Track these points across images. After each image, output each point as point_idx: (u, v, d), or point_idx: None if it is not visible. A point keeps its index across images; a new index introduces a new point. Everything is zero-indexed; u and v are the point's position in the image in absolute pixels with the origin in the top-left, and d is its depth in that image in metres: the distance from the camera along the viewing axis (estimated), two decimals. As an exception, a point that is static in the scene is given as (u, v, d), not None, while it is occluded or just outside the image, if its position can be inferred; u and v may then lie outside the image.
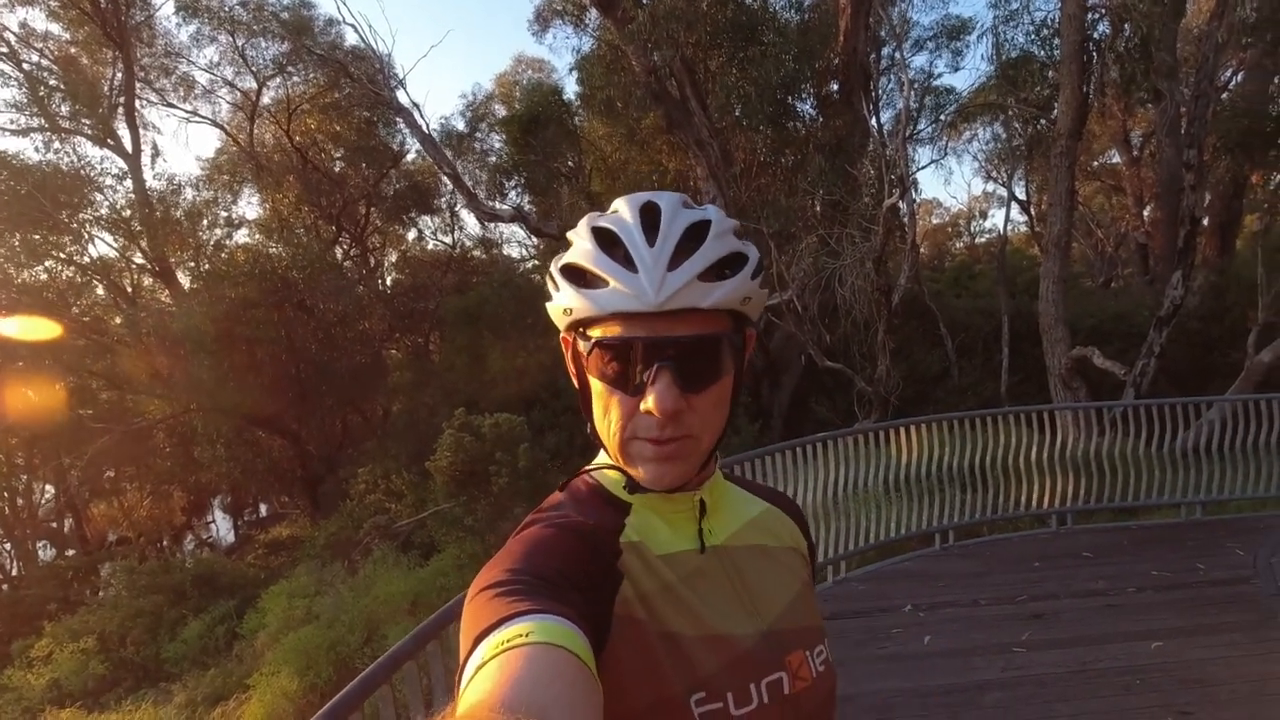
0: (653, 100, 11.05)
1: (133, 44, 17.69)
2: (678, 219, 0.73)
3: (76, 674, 8.12)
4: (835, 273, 8.32)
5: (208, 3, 18.50)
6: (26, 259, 15.97)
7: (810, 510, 5.21)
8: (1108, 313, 12.34)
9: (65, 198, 15.71)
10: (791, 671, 0.77)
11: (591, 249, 0.72)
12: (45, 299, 15.69)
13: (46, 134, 17.24)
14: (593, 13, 12.51)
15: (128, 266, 17.78)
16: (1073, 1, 8.57)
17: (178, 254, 17.22)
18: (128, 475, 21.56)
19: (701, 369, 0.71)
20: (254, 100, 19.60)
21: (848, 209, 8.72)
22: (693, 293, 0.69)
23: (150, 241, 16.11)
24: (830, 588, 5.12)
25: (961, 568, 5.32)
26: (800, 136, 10.94)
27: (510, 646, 0.54)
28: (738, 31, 10.53)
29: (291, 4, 18.55)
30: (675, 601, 0.74)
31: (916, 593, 4.88)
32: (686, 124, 11.13)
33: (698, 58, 11.01)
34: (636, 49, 10.65)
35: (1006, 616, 4.41)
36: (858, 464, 5.56)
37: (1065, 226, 8.82)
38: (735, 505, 0.87)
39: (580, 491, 0.81)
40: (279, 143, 19.85)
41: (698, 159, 11.22)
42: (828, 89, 11.47)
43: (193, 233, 17.91)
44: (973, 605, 4.65)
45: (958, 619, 4.44)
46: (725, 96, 10.91)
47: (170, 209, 17.19)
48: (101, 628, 9.01)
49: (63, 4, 17.25)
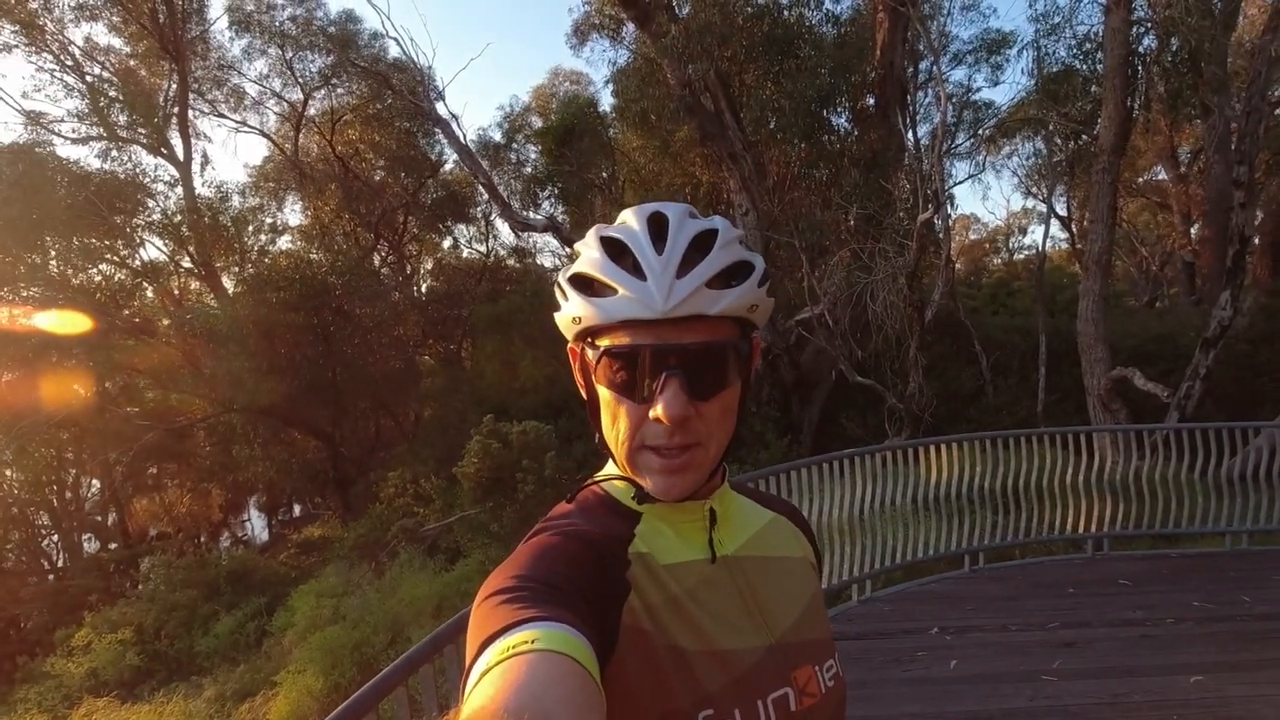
0: (686, 113, 11.11)
1: (188, 57, 18.39)
2: (685, 228, 0.73)
3: (113, 664, 8.38)
4: (867, 288, 8.23)
5: (260, 18, 19.19)
6: (83, 261, 16.63)
7: (836, 527, 5.14)
8: (1151, 333, 11.99)
9: (120, 203, 16.32)
10: (798, 688, 0.76)
11: (600, 258, 0.73)
12: (98, 300, 16.31)
13: (105, 142, 18.00)
14: (629, 26, 12.64)
15: (176, 270, 18.38)
16: (1117, 15, 8.40)
17: (224, 259, 17.76)
18: (169, 472, 22.23)
19: (709, 376, 0.72)
20: (300, 111, 20.20)
21: (881, 223, 8.64)
22: (701, 300, 0.70)
23: (198, 246, 16.65)
24: (855, 607, 5.04)
25: (991, 591, 5.19)
26: (835, 150, 10.89)
27: (515, 653, 0.54)
28: (773, 45, 10.54)
29: (338, 18, 19.16)
30: (681, 615, 0.73)
31: (944, 615, 4.77)
32: (720, 137, 11.15)
33: (733, 71, 11.04)
34: (671, 62, 10.73)
35: (1037, 643, 4.29)
36: (886, 482, 5.47)
37: (1106, 244, 8.60)
38: (744, 515, 0.87)
39: (589, 501, 0.82)
40: (322, 152, 20.42)
41: (730, 172, 11.23)
42: (863, 103, 11.41)
43: (238, 238, 18.48)
44: (1002, 630, 4.53)
45: (986, 644, 4.34)
46: (759, 110, 10.91)
47: (218, 215, 17.76)
48: (138, 620, 9.28)
49: (124, 19, 18.02)
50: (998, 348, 11.75)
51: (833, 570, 4.98)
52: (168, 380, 14.95)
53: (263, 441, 14.97)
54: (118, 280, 17.75)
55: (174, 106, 18.54)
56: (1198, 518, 5.72)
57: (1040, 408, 10.47)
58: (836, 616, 4.89)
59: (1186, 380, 8.24)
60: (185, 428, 17.04)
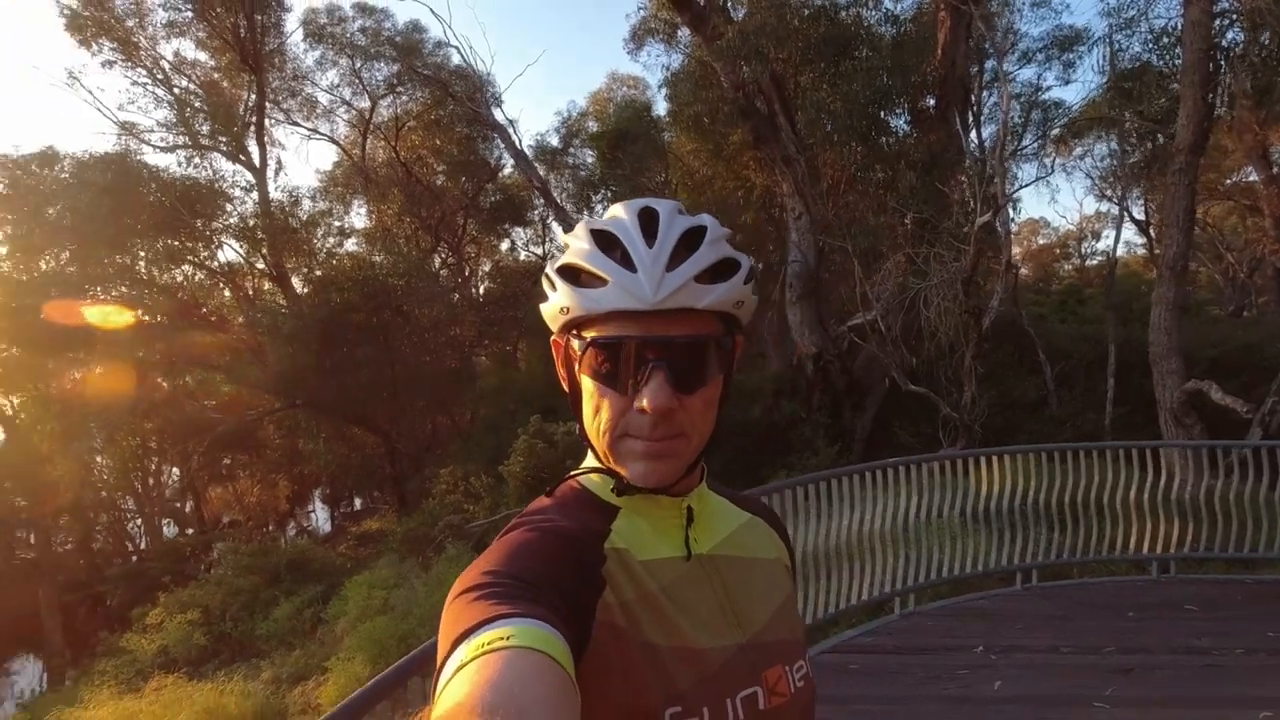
0: (740, 116, 11.04)
1: (266, 69, 19.34)
2: (675, 224, 0.74)
3: (182, 643, 8.88)
4: (921, 293, 7.98)
5: (332, 30, 20.06)
6: (167, 262, 17.69)
7: (877, 536, 5.00)
8: (1234, 344, 11.24)
9: (201, 208, 17.29)
10: (768, 687, 0.76)
11: (590, 249, 0.74)
12: (180, 299, 17.32)
13: (189, 150, 19.11)
14: (684, 30, 12.66)
15: (251, 271, 19.35)
16: (1197, 7, 7.92)
17: (294, 260, 18.59)
18: (241, 463, 23.39)
19: (694, 370, 0.72)
20: (367, 118, 20.99)
21: (937, 227, 8.37)
22: (690, 293, 0.71)
23: (271, 248, 17.48)
24: (896, 621, 4.90)
25: (1042, 610, 4.97)
26: (892, 152, 10.63)
27: (490, 649, 0.54)
28: (830, 47, 10.37)
29: (404, 28, 19.83)
30: (655, 611, 0.74)
31: (990, 633, 4.60)
32: (774, 140, 11.04)
33: (787, 73, 10.92)
34: (725, 65, 10.69)
35: (1089, 667, 4.08)
36: (935, 492, 5.29)
37: (1183, 249, 8.12)
38: (721, 514, 0.87)
39: (566, 496, 0.82)
40: (387, 157, 21.16)
41: (784, 175, 11.10)
42: (923, 103, 11.10)
43: (308, 240, 19.32)
44: (1051, 651, 4.33)
45: (1033, 665, 4.16)
46: (814, 112, 10.74)
47: (290, 219, 18.61)
48: (206, 602, 9.81)
49: (209, 34, 19.11)
50: (1063, 357, 11.23)
51: (874, 581, 4.85)
52: (239, 375, 15.74)
53: (325, 436, 15.58)
54: (197, 280, 18.82)
55: (252, 115, 19.55)
56: (1277, 542, 5.34)
57: (1107, 420, 9.94)
58: (876, 630, 4.78)
59: (1272, 394, 7.70)
60: (255, 421, 17.91)
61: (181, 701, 6.35)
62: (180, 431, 18.50)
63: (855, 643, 4.58)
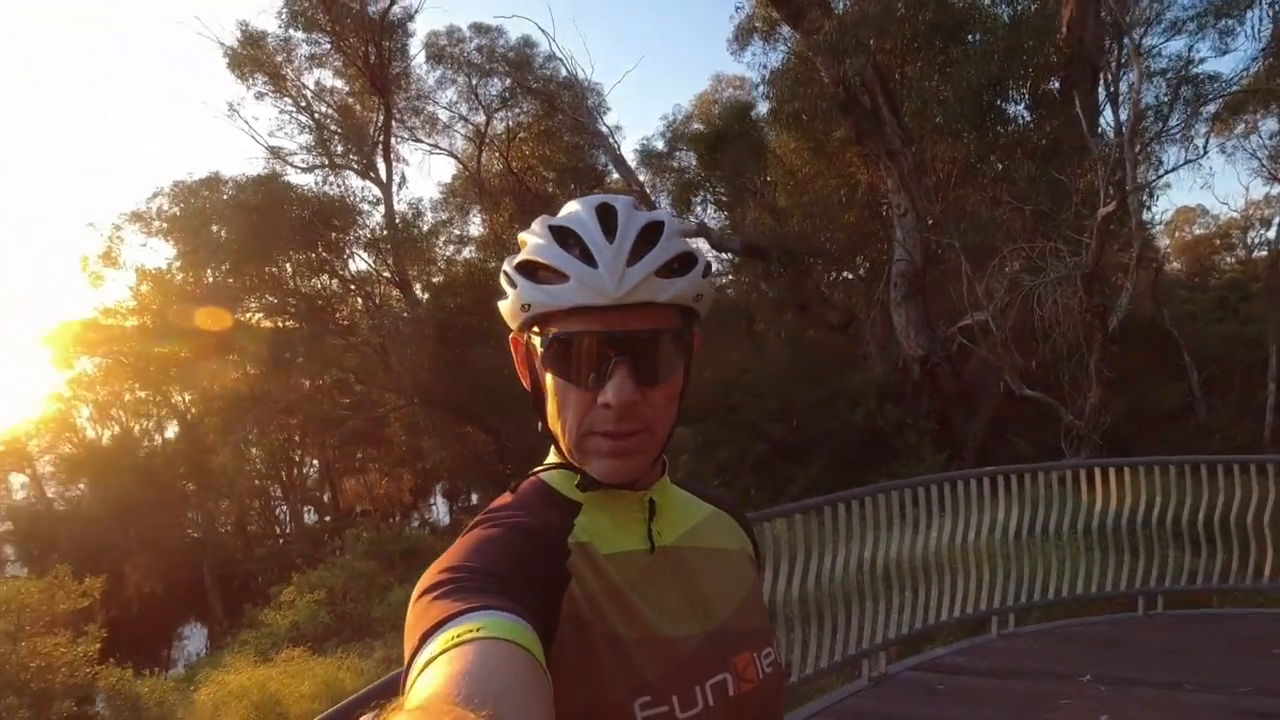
0: (841, 111, 10.69)
1: (392, 91, 20.82)
2: (633, 220, 0.75)
3: (310, 620, 9.74)
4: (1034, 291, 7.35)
5: (450, 50, 21.27)
6: (308, 272, 19.45)
7: (982, 549, 4.68)
8: None
9: (337, 222, 18.88)
10: (737, 673, 0.77)
11: (548, 245, 0.74)
12: (318, 305, 19.00)
13: (325, 170, 20.90)
14: (784, 27, 12.41)
15: (379, 279, 20.88)
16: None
17: (415, 268, 19.87)
18: (371, 457, 25.32)
19: (656, 363, 0.73)
20: (482, 131, 22.09)
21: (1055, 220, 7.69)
22: (651, 287, 0.71)
23: (395, 258, 18.79)
24: (993, 641, 4.57)
25: (1166, 642, 4.48)
26: (1009, 141, 9.92)
27: (460, 642, 0.54)
28: (938, 33, 9.85)
29: (516, 44, 20.70)
30: (620, 603, 0.74)
31: (1101, 662, 4.20)
32: (877, 134, 10.60)
33: (892, 64, 10.46)
34: (825, 60, 10.39)
35: (1219, 709, 3.65)
36: (1052, 505, 4.87)
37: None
38: (684, 507, 0.87)
39: (528, 493, 0.82)
40: (500, 168, 22.17)
41: (889, 170, 10.63)
42: (1045, 87, 10.27)
43: (429, 249, 20.56)
44: (1173, 688, 3.89)
45: (1149, 702, 3.75)
46: (922, 103, 10.22)
47: (412, 229, 19.92)
48: (331, 583, 10.71)
49: (344, 63, 20.84)
50: (1214, 360, 9.99)
51: (968, 598, 4.54)
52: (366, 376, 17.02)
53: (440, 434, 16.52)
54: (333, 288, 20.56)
55: (380, 135, 21.10)
56: None
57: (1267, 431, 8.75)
58: (969, 649, 4.48)
59: None
60: (381, 418, 19.31)
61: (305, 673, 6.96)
62: (318, 426, 20.27)
63: (944, 662, 4.32)
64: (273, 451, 24.00)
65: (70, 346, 21.59)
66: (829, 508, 4.07)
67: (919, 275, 10.50)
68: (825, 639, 3.94)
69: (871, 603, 4.12)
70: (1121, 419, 7.78)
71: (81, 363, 22.15)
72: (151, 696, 6.98)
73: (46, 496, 22.89)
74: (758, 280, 15.43)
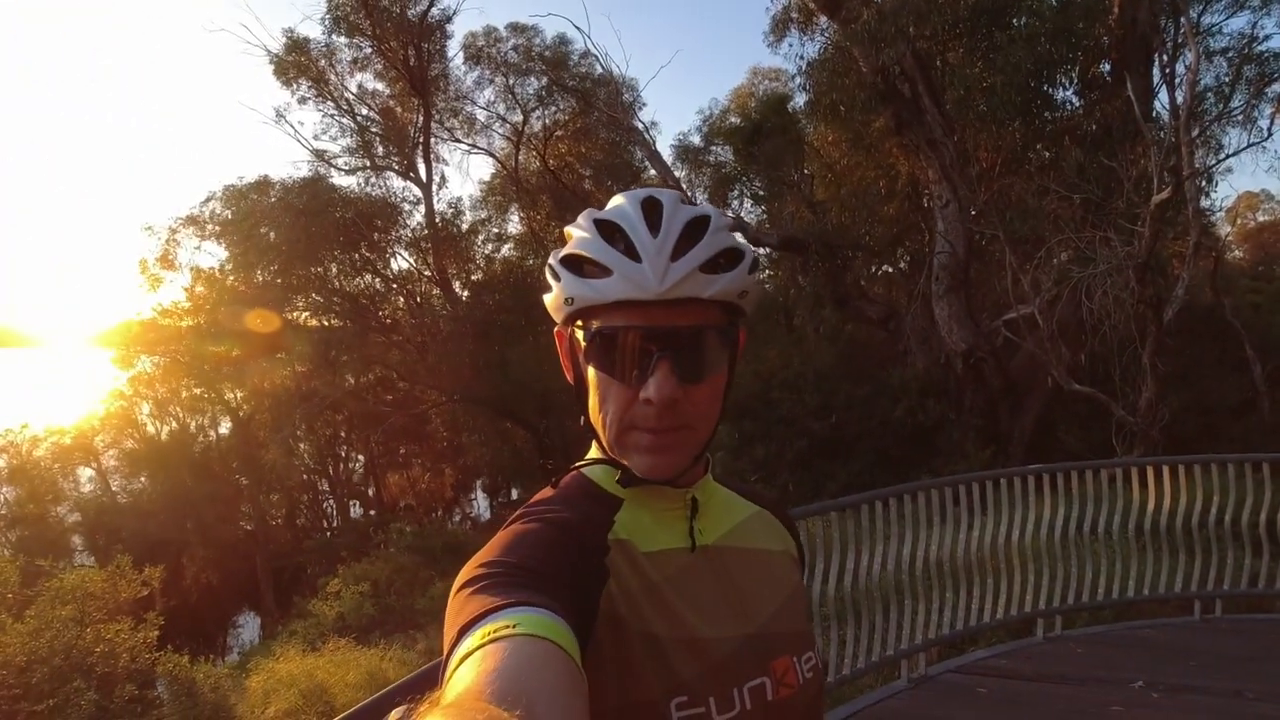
0: (880, 101, 10.47)
1: (431, 92, 21.15)
2: (679, 214, 0.74)
3: (355, 611, 10.02)
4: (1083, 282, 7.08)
5: (488, 50, 21.53)
6: (352, 271, 19.92)
7: (1027, 549, 4.54)
8: None
9: (379, 222, 19.28)
10: (776, 677, 0.76)
11: (593, 240, 0.74)
12: (362, 304, 19.45)
13: (367, 171, 21.35)
14: (821, 17, 12.21)
15: (419, 278, 21.26)
16: None
17: (455, 266, 20.17)
18: (414, 453, 25.85)
19: (700, 360, 0.73)
20: (520, 130, 22.30)
21: (1106, 208, 7.39)
22: (695, 283, 0.71)
23: (435, 256, 19.11)
24: (1039, 644, 4.44)
25: (1226, 647, 4.29)
26: (1057, 128, 9.58)
27: (496, 638, 0.54)
28: (981, 18, 9.56)
29: (552, 42, 20.83)
30: (658, 602, 0.74)
31: (1154, 668, 4.04)
32: (918, 123, 10.36)
33: (932, 51, 10.20)
34: (863, 49, 10.18)
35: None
36: (1103, 503, 4.71)
37: None
38: (726, 506, 0.86)
39: (569, 487, 0.82)
40: (538, 166, 22.35)
41: (929, 160, 10.39)
42: (1095, 70, 9.88)
43: (468, 248, 20.86)
44: (1234, 696, 3.74)
45: (1207, 710, 3.61)
46: (964, 90, 9.94)
47: (452, 228, 20.22)
48: (376, 576, 10.98)
49: (385, 66, 21.25)
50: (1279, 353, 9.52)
51: (1012, 599, 4.43)
52: (408, 373, 17.37)
53: (481, 429, 16.76)
54: (375, 287, 21.01)
55: (420, 136, 21.46)
56: None
57: (1339, 428, 8.30)
58: (1014, 652, 4.36)
59: None
60: (425, 414, 19.68)
61: (350, 663, 7.16)
62: (363, 423, 20.76)
63: (987, 664, 4.21)
64: (320, 447, 24.71)
65: (131, 346, 22.51)
66: (868, 505, 4.01)
67: (962, 268, 10.23)
68: (864, 638, 3.89)
69: (911, 602, 4.04)
70: (1179, 415, 7.45)
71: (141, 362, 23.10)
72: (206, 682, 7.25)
73: (111, 489, 23.96)
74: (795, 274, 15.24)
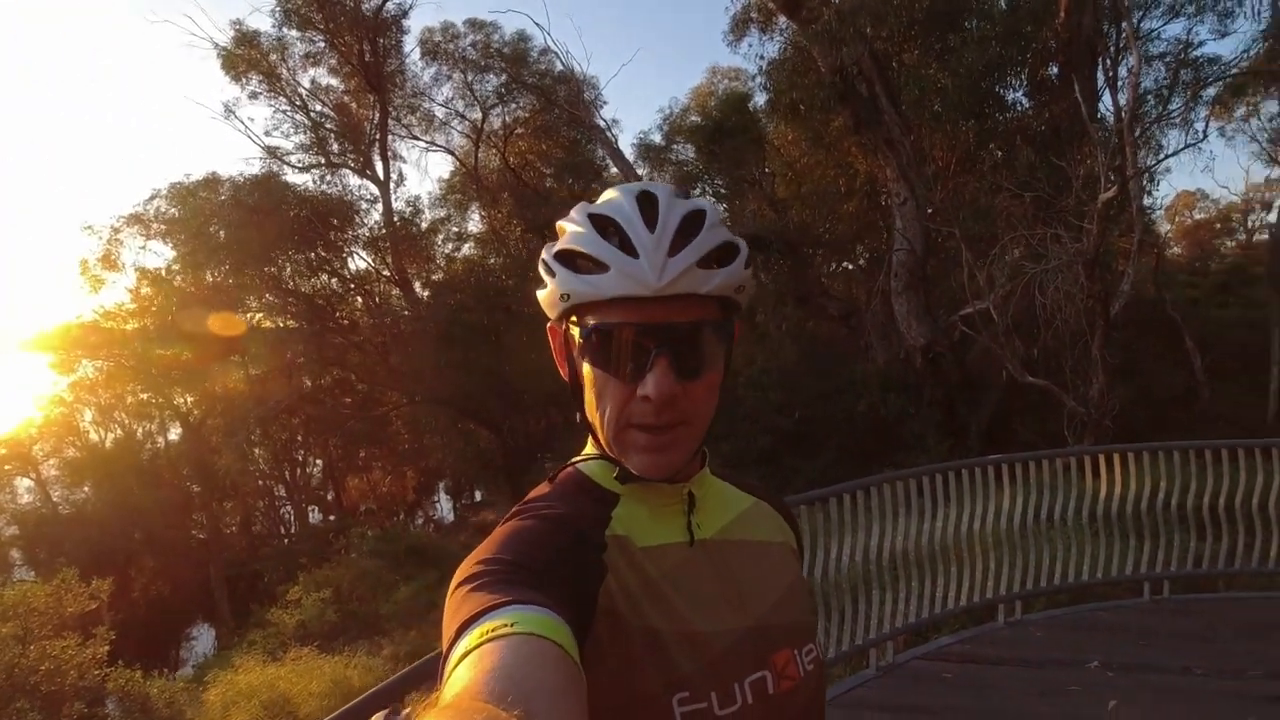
0: (839, 101, 10.64)
1: (388, 88, 20.74)
2: (675, 208, 0.73)
3: (317, 618, 9.78)
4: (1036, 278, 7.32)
5: (446, 46, 21.17)
6: (307, 272, 19.42)
7: (988, 537, 4.68)
8: None
9: (335, 221, 18.83)
10: (777, 670, 0.76)
11: (588, 234, 0.73)
12: (318, 305, 18.98)
13: (322, 169, 20.84)
14: (781, 17, 12.35)
15: (378, 278, 20.84)
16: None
17: (415, 266, 19.82)
18: (374, 456, 25.33)
19: (697, 356, 0.72)
20: (479, 128, 22.01)
21: (1056, 206, 7.67)
22: (692, 278, 0.70)
23: (394, 255, 18.76)
24: (999, 629, 4.57)
25: (1175, 626, 4.48)
26: (1008, 128, 9.87)
27: (494, 636, 0.54)
28: (935, 20, 9.80)
29: (511, 39, 20.60)
30: (658, 597, 0.73)
31: (1109, 648, 4.20)
32: (876, 123, 10.55)
33: (889, 52, 10.41)
34: (822, 49, 10.33)
35: (1228, 693, 3.66)
36: (1058, 492, 4.87)
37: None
38: (724, 499, 0.86)
39: (566, 484, 0.82)
40: (498, 164, 22.11)
41: (887, 159, 10.60)
42: (1044, 72, 10.22)
43: (428, 247, 20.51)
44: (1182, 673, 3.90)
45: (1158, 687, 3.76)
46: (920, 91, 10.17)
47: (411, 227, 19.86)
48: (338, 582, 10.74)
49: (340, 61, 20.76)
50: (1217, 345, 9.98)
51: (974, 586, 4.55)
52: (367, 375, 17.04)
53: (443, 431, 16.51)
54: (332, 287, 20.52)
55: (376, 133, 21.03)
56: None
57: (1271, 414, 8.74)
58: (976, 637, 4.48)
59: None
60: (385, 416, 19.31)
61: (314, 671, 6.99)
62: (321, 426, 20.27)
63: (952, 650, 4.32)
64: (276, 452, 24.03)
65: (71, 350, 21.58)
66: (834, 499, 4.07)
67: (920, 264, 10.48)
68: (833, 629, 3.95)
69: (878, 592, 4.13)
70: (1126, 405, 7.77)
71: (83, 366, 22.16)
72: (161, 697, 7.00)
73: (52, 500, 22.94)
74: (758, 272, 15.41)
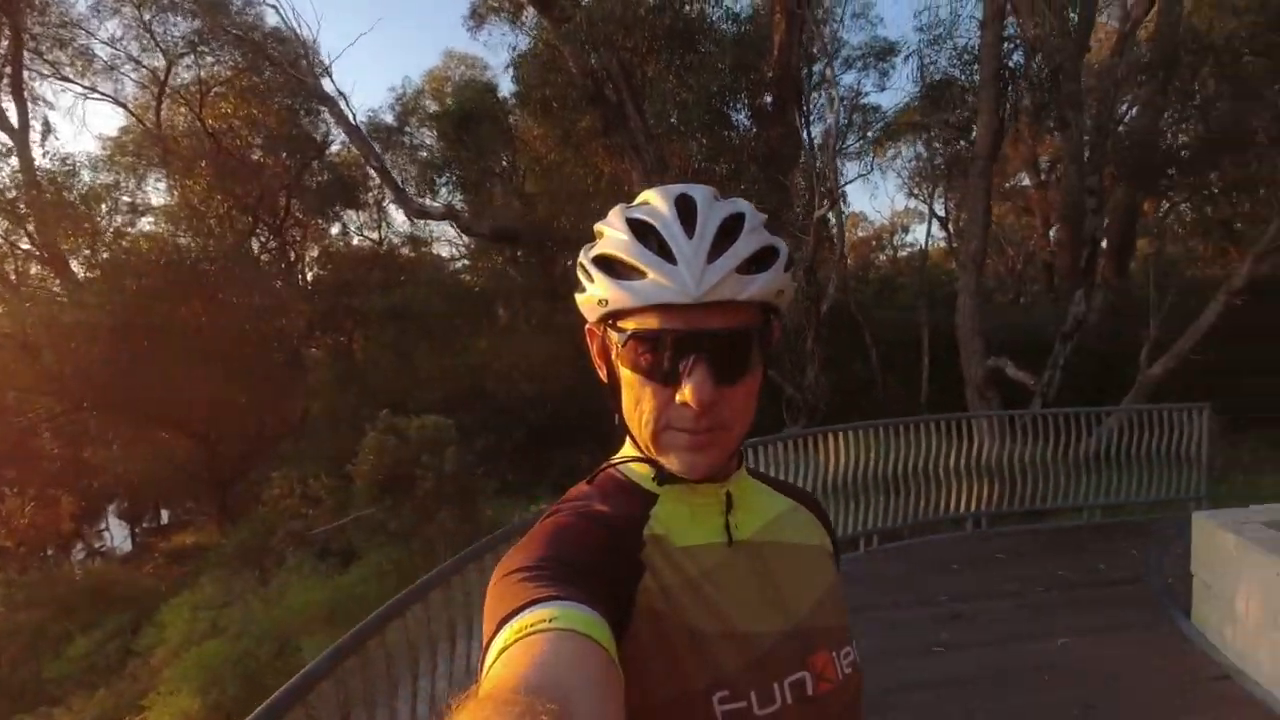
0: (589, 103, 10.99)
1: (22, 9, 16.30)
2: (713, 212, 0.73)
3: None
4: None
5: (110, -30, 17.28)
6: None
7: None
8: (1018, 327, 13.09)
9: (-60, 174, 14.28)
10: (816, 672, 0.77)
11: (628, 240, 0.72)
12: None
13: (-81, 104, 15.69)
14: (530, 11, 12.34)
15: (13, 251, 16.29)
16: (991, 31, 9.05)
17: (71, 240, 15.88)
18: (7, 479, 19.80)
19: (735, 361, 0.72)
20: (162, 79, 18.38)
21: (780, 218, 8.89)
22: (731, 285, 0.70)
23: (38, 225, 14.83)
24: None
25: (886, 570, 5.49)
26: (736, 145, 11.10)
27: (533, 631, 0.55)
28: (675, 39, 10.61)
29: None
30: (698, 596, 0.74)
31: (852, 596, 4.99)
32: (622, 128, 11.12)
33: (635, 63, 11.02)
34: (574, 50, 10.57)
35: (927, 618, 4.56)
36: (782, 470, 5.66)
37: (981, 244, 9.29)
38: (762, 501, 0.87)
39: (605, 483, 0.82)
40: (190, 126, 18.68)
41: (633, 163, 11.23)
42: (762, 100, 11.69)
43: (89, 218, 16.57)
44: (893, 607, 4.79)
45: (881, 621, 4.56)
46: (661, 103, 10.96)
47: (63, 191, 15.85)
48: (-31, 649, 8.19)
49: (-58, -39, 15.74)
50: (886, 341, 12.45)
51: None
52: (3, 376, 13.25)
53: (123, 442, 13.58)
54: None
55: (6, 66, 16.42)
56: (1060, 495, 6.30)
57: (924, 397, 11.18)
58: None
59: (1048, 370, 9.04)
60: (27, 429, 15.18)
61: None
62: (-80, 445, 15.24)
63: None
64: None
65: None
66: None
67: (661, 265, 11.27)
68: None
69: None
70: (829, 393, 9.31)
71: None
72: None
73: None
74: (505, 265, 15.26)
